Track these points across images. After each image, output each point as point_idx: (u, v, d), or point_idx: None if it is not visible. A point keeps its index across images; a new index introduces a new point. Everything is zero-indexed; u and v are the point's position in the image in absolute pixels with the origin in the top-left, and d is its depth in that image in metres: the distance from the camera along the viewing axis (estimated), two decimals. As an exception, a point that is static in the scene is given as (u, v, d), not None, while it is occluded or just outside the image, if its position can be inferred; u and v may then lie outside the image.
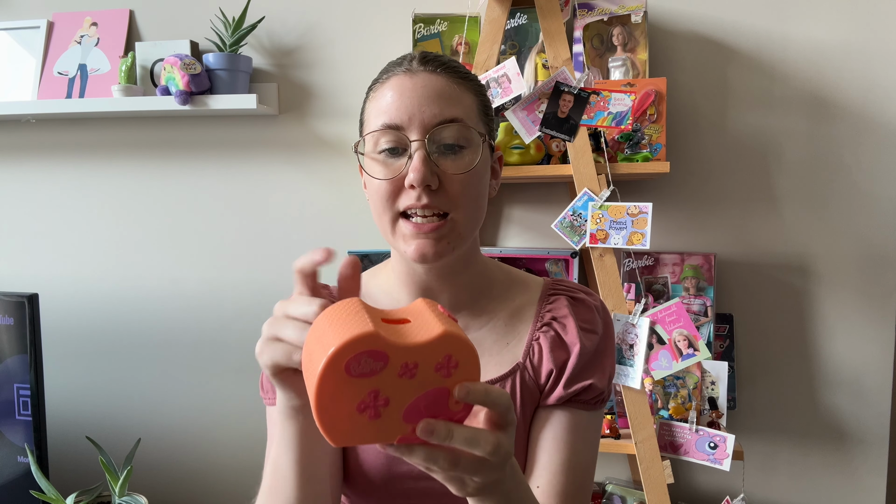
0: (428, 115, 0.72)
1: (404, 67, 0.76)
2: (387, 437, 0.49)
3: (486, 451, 0.51)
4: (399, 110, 0.73)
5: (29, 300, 1.52)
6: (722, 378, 1.49)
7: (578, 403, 0.79)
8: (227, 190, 1.81)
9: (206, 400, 1.84)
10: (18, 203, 1.89)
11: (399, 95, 0.74)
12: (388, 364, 0.46)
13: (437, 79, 0.75)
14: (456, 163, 0.73)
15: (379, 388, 0.47)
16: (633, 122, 1.47)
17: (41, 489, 1.45)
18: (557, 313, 0.82)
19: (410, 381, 0.48)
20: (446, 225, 0.73)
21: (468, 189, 0.74)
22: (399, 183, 0.73)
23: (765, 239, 1.63)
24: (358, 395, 0.47)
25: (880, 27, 1.56)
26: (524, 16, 1.59)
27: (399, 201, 0.73)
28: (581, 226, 1.46)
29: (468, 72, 0.79)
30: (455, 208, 0.73)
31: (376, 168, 0.75)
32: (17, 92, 1.80)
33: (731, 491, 1.63)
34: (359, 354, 0.45)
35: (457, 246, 0.75)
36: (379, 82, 0.78)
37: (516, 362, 0.81)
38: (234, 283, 1.82)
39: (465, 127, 0.74)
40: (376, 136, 0.74)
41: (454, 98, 0.74)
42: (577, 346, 0.79)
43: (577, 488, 0.77)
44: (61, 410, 1.87)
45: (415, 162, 0.71)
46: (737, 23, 1.60)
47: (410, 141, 0.72)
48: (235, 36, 1.67)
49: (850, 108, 1.58)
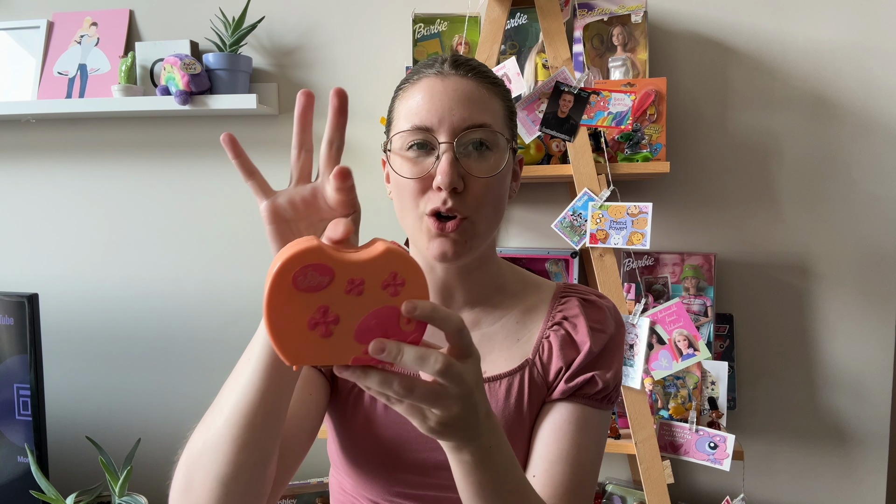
0: (458, 119, 0.73)
1: (436, 70, 0.77)
2: (340, 357, 0.50)
3: (435, 369, 0.50)
4: (430, 112, 0.74)
5: (29, 300, 1.52)
6: (722, 378, 1.49)
7: (581, 398, 0.80)
8: (227, 190, 1.81)
9: (206, 400, 1.82)
10: (18, 203, 1.89)
11: (430, 98, 0.75)
12: (333, 278, 0.48)
13: (467, 83, 0.76)
14: (482, 165, 0.75)
15: (328, 304, 0.49)
16: (633, 122, 1.47)
17: (41, 489, 1.45)
18: (568, 313, 0.84)
19: (358, 298, 0.49)
20: (467, 226, 0.75)
21: (491, 192, 0.76)
22: (426, 182, 0.74)
23: (765, 239, 1.63)
24: (308, 311, 0.48)
25: (880, 27, 1.56)
26: (524, 16, 1.60)
27: (426, 201, 0.75)
28: (581, 226, 1.46)
29: (497, 77, 0.80)
30: (477, 211, 0.75)
31: (404, 166, 0.76)
32: (17, 92, 1.80)
33: (731, 491, 1.63)
34: (305, 267, 0.48)
35: (476, 246, 0.77)
36: (409, 83, 0.79)
37: (525, 358, 0.82)
38: (234, 283, 1.82)
39: (492, 132, 0.75)
40: (405, 136, 0.75)
41: (483, 103, 0.76)
42: (587, 344, 0.81)
43: (577, 484, 0.76)
44: (61, 410, 1.87)
45: (443, 164, 0.72)
46: (737, 23, 1.60)
47: (439, 143, 0.73)
48: (235, 36, 1.67)
49: (850, 108, 1.58)
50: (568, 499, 0.75)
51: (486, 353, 0.82)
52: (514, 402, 0.79)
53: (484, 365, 0.81)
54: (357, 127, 1.74)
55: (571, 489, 0.75)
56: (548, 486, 0.75)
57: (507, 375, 0.81)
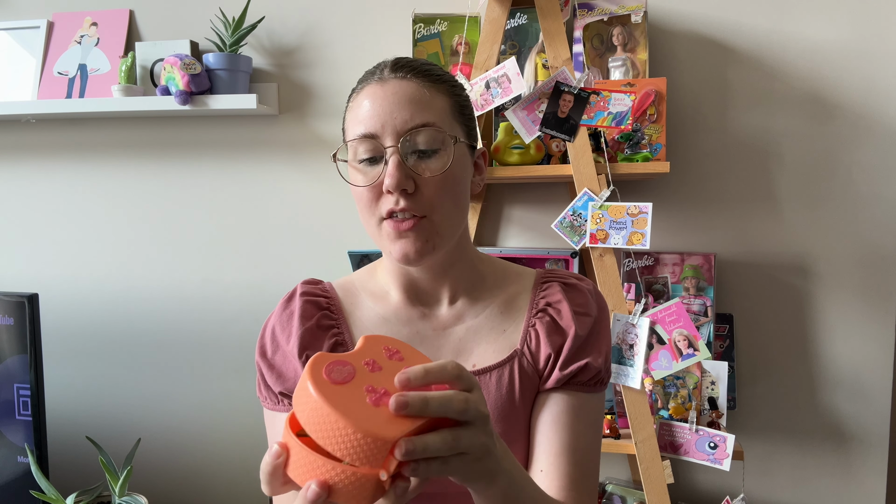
0: (399, 121, 0.75)
1: (377, 76, 0.79)
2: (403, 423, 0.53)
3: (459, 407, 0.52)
4: (373, 119, 0.75)
5: (29, 300, 1.52)
6: (722, 378, 1.49)
7: (576, 385, 0.80)
8: (226, 190, 1.81)
9: (206, 400, 1.84)
10: (18, 203, 1.89)
11: (372, 104, 0.76)
12: (354, 366, 0.54)
13: (407, 84, 0.77)
14: (430, 165, 0.76)
15: (369, 383, 0.53)
16: (633, 122, 1.47)
17: (41, 489, 1.45)
18: (551, 299, 0.84)
19: (381, 372, 0.55)
20: (426, 225, 0.76)
21: (444, 190, 0.76)
22: (378, 189, 0.76)
23: (765, 239, 1.63)
24: (361, 394, 0.52)
25: (880, 27, 1.56)
26: (524, 16, 1.60)
27: (380, 206, 0.77)
28: (581, 226, 1.46)
29: (442, 73, 0.81)
30: (433, 210, 0.76)
31: (357, 176, 0.78)
32: (17, 92, 1.80)
33: (731, 491, 1.63)
34: (329, 366, 0.53)
35: (438, 245, 0.78)
36: (355, 92, 0.81)
37: (514, 349, 0.82)
38: (234, 283, 1.82)
39: (437, 130, 0.76)
40: (355, 146, 0.77)
41: (424, 102, 0.76)
42: (573, 328, 0.81)
43: (582, 474, 0.77)
44: (61, 410, 1.87)
45: (389, 167, 0.74)
46: (737, 23, 1.60)
47: (385, 147, 0.75)
48: (235, 36, 1.67)
49: (850, 108, 1.58)
50: (576, 487, 0.76)
51: (474, 347, 0.83)
52: (505, 393, 0.80)
53: (472, 358, 0.82)
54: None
55: (578, 478, 0.77)
56: (555, 478, 0.76)
57: (496, 367, 0.81)
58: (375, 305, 0.86)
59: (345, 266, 1.67)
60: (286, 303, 0.86)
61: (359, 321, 0.85)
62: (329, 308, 0.85)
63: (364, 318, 0.85)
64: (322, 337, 0.82)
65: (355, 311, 0.85)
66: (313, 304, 0.84)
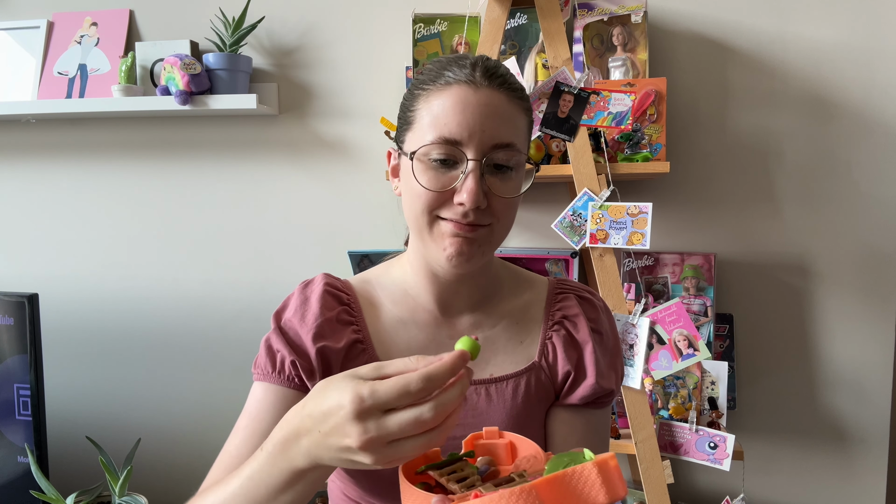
0: (487, 136, 0.72)
1: (469, 77, 0.74)
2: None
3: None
4: (460, 126, 0.72)
5: (29, 300, 1.52)
6: (722, 378, 1.49)
7: (596, 405, 0.84)
8: (226, 190, 1.81)
9: (206, 400, 1.84)
10: (19, 203, 1.89)
11: (462, 109, 0.72)
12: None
13: (498, 97, 0.74)
14: (505, 185, 0.75)
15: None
16: (633, 122, 1.47)
17: (41, 489, 1.45)
18: (568, 312, 0.86)
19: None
20: (485, 234, 0.75)
21: (511, 208, 0.77)
22: (447, 195, 0.73)
23: (765, 239, 1.63)
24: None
25: (880, 27, 1.56)
26: (524, 16, 1.59)
27: (442, 210, 0.74)
28: (581, 226, 1.46)
29: (522, 88, 0.79)
30: (496, 221, 0.76)
31: (426, 175, 0.74)
32: (17, 92, 1.80)
33: (731, 491, 1.63)
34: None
35: (487, 253, 0.78)
36: (436, 85, 0.75)
37: (532, 361, 0.83)
38: (234, 283, 1.82)
39: (517, 152, 0.75)
40: (431, 146, 0.73)
41: (511, 120, 0.75)
42: (589, 344, 0.83)
43: None
44: (61, 410, 1.87)
45: (469, 183, 0.71)
46: (737, 23, 1.60)
47: (467, 159, 0.72)
48: (235, 36, 1.67)
49: (850, 108, 1.58)
50: None
51: (490, 356, 0.83)
52: (521, 401, 0.81)
53: (489, 368, 0.83)
54: (357, 127, 1.74)
55: None
56: None
57: (513, 377, 0.82)
58: (394, 307, 0.85)
59: (345, 266, 1.67)
60: (304, 287, 0.85)
61: (376, 321, 0.84)
62: (349, 304, 0.84)
63: (382, 319, 0.85)
64: (342, 332, 0.81)
65: (373, 311, 0.85)
66: (335, 298, 0.84)
